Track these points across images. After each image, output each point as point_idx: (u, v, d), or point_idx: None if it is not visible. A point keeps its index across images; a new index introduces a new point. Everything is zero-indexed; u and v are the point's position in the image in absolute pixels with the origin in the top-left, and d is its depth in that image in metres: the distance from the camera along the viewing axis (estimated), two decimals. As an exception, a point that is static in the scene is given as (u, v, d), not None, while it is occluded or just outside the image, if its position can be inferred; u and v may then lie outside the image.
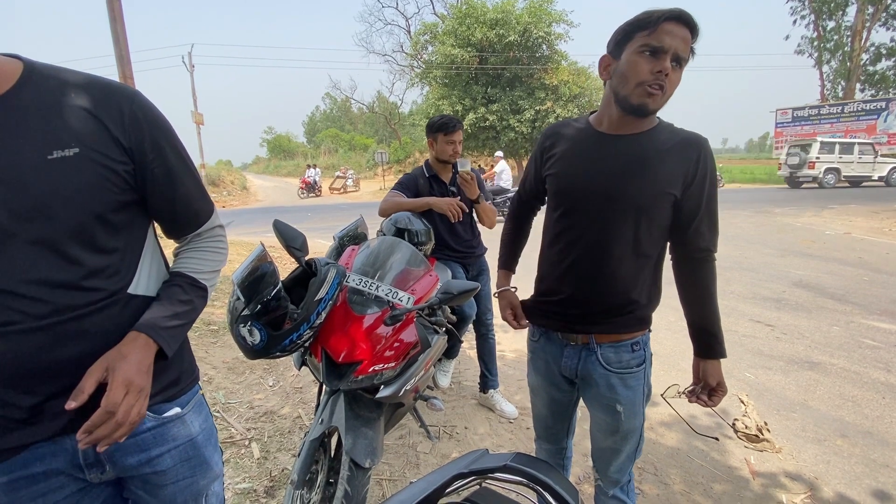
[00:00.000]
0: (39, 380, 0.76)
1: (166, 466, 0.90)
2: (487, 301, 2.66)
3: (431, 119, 2.47)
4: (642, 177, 1.13)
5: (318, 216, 13.32)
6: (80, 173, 0.75)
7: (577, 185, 1.21)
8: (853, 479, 2.10)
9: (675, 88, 1.09)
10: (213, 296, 4.49)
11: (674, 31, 1.03)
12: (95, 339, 0.79)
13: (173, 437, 0.91)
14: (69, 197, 0.74)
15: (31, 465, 0.79)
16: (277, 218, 1.53)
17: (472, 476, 0.76)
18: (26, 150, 0.71)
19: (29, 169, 0.71)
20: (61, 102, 0.75)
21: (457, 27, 20.47)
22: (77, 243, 0.76)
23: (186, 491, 0.94)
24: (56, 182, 0.73)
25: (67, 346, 0.76)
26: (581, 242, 1.22)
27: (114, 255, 0.82)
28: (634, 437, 1.30)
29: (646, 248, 1.19)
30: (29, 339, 0.73)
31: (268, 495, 1.99)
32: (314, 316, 1.38)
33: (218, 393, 2.84)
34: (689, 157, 1.13)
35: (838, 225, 8.95)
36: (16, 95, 0.72)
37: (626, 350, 1.25)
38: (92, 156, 0.76)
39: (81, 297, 0.77)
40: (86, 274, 0.77)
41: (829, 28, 24.84)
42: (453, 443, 2.41)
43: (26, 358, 0.74)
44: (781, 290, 4.94)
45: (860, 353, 3.39)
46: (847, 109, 20.69)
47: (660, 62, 1.04)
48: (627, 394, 1.25)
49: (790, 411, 2.68)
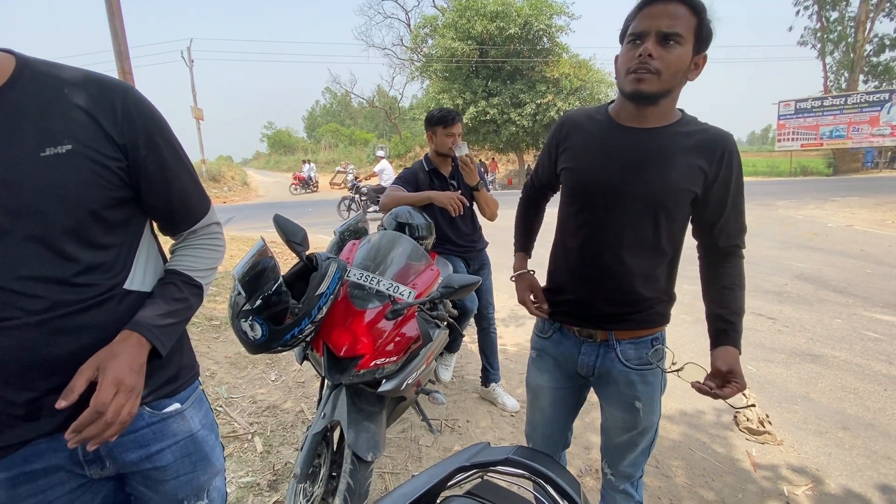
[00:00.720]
0: (37, 376, 0.76)
1: (167, 462, 0.90)
2: (489, 295, 2.66)
3: (430, 112, 2.46)
4: (661, 172, 1.10)
5: (319, 211, 13.31)
6: (73, 170, 0.74)
7: (594, 180, 1.17)
8: (855, 471, 2.11)
9: (677, 67, 1.03)
10: (215, 291, 4.50)
11: (654, 12, 1.01)
12: (92, 335, 0.79)
13: (173, 432, 0.90)
14: (62, 194, 0.73)
15: (31, 462, 0.79)
16: (278, 213, 1.52)
17: (473, 469, 0.76)
18: (19, 147, 0.71)
19: (21, 166, 0.70)
20: (54, 98, 0.74)
21: (457, 20, 20.34)
22: (71, 240, 0.76)
23: (188, 486, 0.94)
24: (49, 179, 0.72)
25: (64, 342, 0.76)
26: (599, 238, 1.19)
27: (109, 251, 0.81)
28: (651, 432, 1.29)
29: (665, 244, 1.16)
30: (26, 335, 0.73)
31: (271, 489, 2.00)
32: (315, 310, 1.38)
33: (220, 388, 2.85)
34: (712, 154, 1.09)
35: (841, 217, 8.92)
36: (8, 91, 0.71)
37: (647, 346, 1.22)
38: (85, 152, 0.75)
39: (77, 293, 0.77)
40: (81, 270, 0.77)
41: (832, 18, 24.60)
42: (455, 436, 2.42)
43: (23, 354, 0.73)
44: (783, 282, 4.93)
45: (862, 345, 3.39)
46: (850, 101, 20.54)
47: (636, 51, 1.03)
48: (646, 390, 1.23)
49: (792, 404, 2.68)
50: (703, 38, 1.03)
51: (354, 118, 53.53)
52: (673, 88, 1.07)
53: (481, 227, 2.68)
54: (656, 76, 1.02)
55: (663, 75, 1.02)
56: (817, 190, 13.82)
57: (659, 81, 1.03)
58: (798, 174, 22.06)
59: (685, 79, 1.08)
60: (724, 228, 1.15)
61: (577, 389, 1.37)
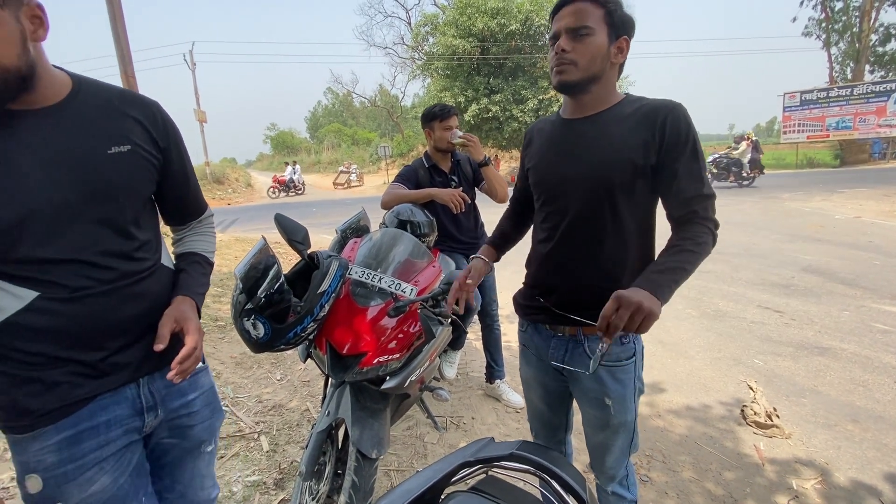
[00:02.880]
0: (107, 336, 0.92)
1: (197, 408, 1.10)
2: (492, 292, 2.65)
3: (425, 109, 2.45)
4: (601, 149, 1.14)
5: (322, 211, 13.35)
6: (132, 165, 0.93)
7: (548, 171, 1.24)
8: (865, 464, 2.09)
9: (593, 53, 1.11)
10: (219, 291, 4.52)
11: (562, 14, 1.12)
12: (146, 301, 0.97)
13: (201, 384, 1.12)
14: (128, 184, 0.93)
15: (97, 416, 0.93)
16: (280, 213, 1.52)
17: (478, 464, 0.75)
18: (90, 145, 0.88)
19: (94, 161, 0.88)
20: (110, 108, 0.92)
21: (458, 17, 20.29)
22: (130, 221, 0.94)
23: (207, 430, 1.14)
24: (116, 171, 0.90)
25: (128, 307, 0.94)
26: (561, 229, 1.21)
27: (150, 232, 1.01)
28: (626, 433, 1.26)
29: (629, 225, 1.15)
30: (100, 301, 0.89)
31: (277, 487, 2.01)
32: (318, 309, 1.38)
33: (227, 388, 2.86)
34: (652, 121, 1.10)
35: (848, 209, 8.82)
36: (72, 101, 0.88)
37: (615, 343, 1.20)
38: (140, 152, 0.94)
39: (136, 265, 0.96)
40: (137, 246, 0.96)
41: (836, 9, 24.26)
42: (460, 433, 2.41)
43: (97, 318, 0.90)
44: (790, 275, 4.89)
45: (871, 337, 3.35)
46: (856, 92, 20.27)
47: (555, 45, 1.14)
48: (617, 388, 1.21)
49: (800, 397, 2.66)
50: (616, 24, 1.11)
51: (357, 118, 53.58)
52: (597, 74, 1.13)
53: (483, 223, 2.67)
54: (573, 66, 1.11)
55: (580, 63, 1.11)
56: (824, 182, 13.69)
57: (577, 70, 1.12)
58: (804, 166, 21.85)
59: (610, 63, 1.14)
60: (678, 195, 1.11)
61: (563, 381, 1.34)
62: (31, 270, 0.83)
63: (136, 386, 0.98)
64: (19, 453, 0.89)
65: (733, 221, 8.09)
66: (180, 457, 1.11)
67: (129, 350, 0.95)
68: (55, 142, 0.84)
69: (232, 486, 2.02)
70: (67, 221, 0.85)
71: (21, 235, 0.81)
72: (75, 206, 0.85)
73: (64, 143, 0.85)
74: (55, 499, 0.89)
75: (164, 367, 1.00)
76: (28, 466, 0.88)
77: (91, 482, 0.91)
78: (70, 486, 0.90)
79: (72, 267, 0.86)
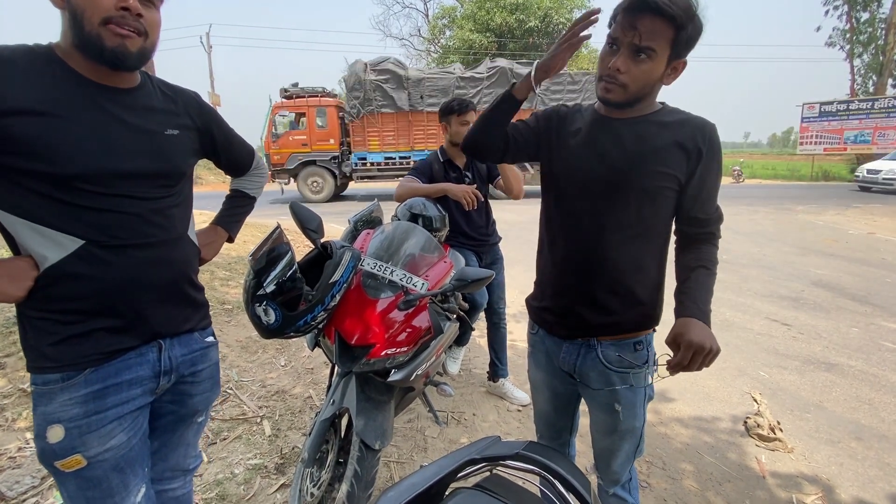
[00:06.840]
0: (142, 291, 1.00)
1: (202, 379, 1.18)
2: (501, 290, 2.65)
3: (444, 103, 2.45)
4: (639, 154, 1.11)
5: (336, 202, 13.38)
6: (178, 146, 1.08)
7: (579, 167, 1.18)
8: (867, 482, 2.07)
9: (646, 80, 1.06)
10: (227, 275, 4.55)
11: (633, 22, 1.01)
12: (172, 267, 1.07)
13: (210, 357, 1.20)
14: (175, 160, 1.06)
15: (122, 374, 1.00)
16: (295, 201, 1.53)
17: (483, 462, 0.76)
18: (156, 125, 1.03)
19: (160, 138, 1.03)
20: (165, 97, 1.08)
21: (476, 11, 20.15)
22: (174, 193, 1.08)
23: (205, 401, 1.22)
24: (170, 149, 1.05)
25: (159, 269, 1.03)
26: (580, 230, 1.18)
27: (184, 205, 1.13)
28: (634, 438, 1.26)
29: (649, 233, 1.15)
30: (138, 255, 0.99)
31: (278, 472, 2.03)
32: (329, 298, 1.38)
33: (231, 371, 2.89)
34: (691, 136, 1.10)
35: (862, 224, 8.71)
36: (143, 87, 1.04)
37: (629, 349, 1.20)
38: (186, 134, 1.11)
39: (168, 233, 1.05)
40: (172, 216, 1.06)
41: (862, 20, 23.84)
42: (461, 429, 2.42)
43: (135, 272, 0.98)
44: (800, 289, 4.84)
45: (879, 355, 3.32)
46: (878, 105, 19.90)
47: (611, 58, 1.06)
48: (627, 394, 1.21)
49: (804, 412, 2.64)
50: (680, 45, 1.04)
51: (370, 108, 53.32)
52: (643, 96, 1.10)
53: (495, 221, 2.67)
54: (622, 88, 1.06)
55: (629, 88, 1.06)
56: (838, 196, 13.50)
57: (625, 93, 1.07)
58: (819, 178, 21.56)
59: (659, 84, 1.10)
60: (699, 212, 1.15)
61: (571, 384, 1.34)
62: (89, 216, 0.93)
63: (157, 350, 1.05)
64: (45, 404, 0.94)
65: (744, 231, 8.01)
66: (174, 423, 1.18)
67: (157, 309, 1.04)
68: (133, 118, 0.99)
69: (234, 468, 2.05)
70: (139, 184, 0.99)
71: (103, 183, 0.93)
72: (146, 173, 1.00)
73: (139, 120, 1.00)
74: (75, 448, 0.94)
75: (181, 332, 1.11)
76: (52, 417, 0.93)
77: (110, 436, 0.98)
78: (91, 436, 0.95)
79: (121, 218, 0.97)
